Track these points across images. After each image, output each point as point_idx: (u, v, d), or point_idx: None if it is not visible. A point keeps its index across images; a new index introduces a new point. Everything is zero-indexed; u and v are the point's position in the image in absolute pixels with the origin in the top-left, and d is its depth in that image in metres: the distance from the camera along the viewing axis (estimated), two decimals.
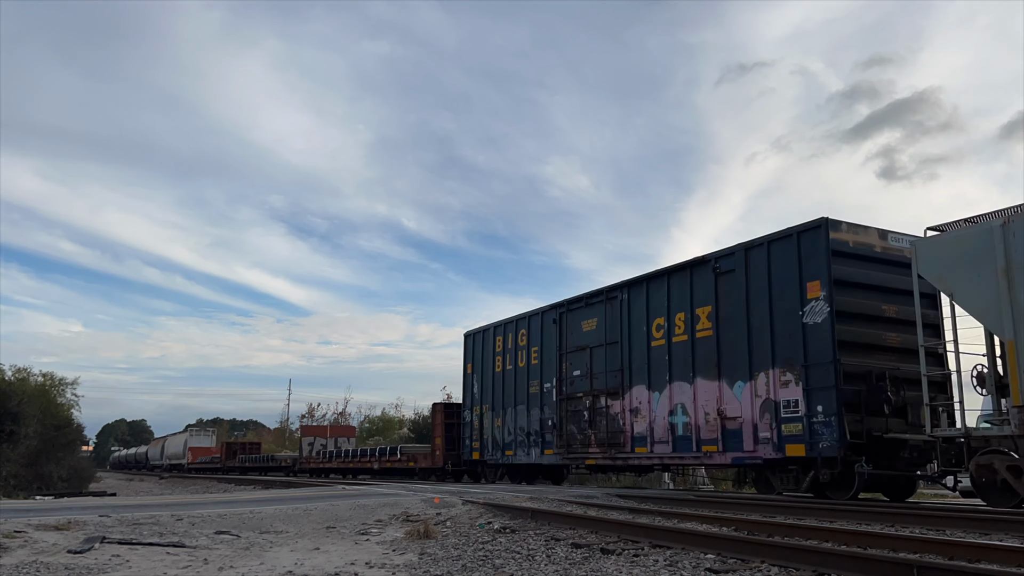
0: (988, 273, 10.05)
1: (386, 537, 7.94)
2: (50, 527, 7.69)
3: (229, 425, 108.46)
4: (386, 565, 6.23)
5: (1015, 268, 9.77)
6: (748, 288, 13.58)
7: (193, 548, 6.96)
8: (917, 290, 11.08)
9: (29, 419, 26.97)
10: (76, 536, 7.33)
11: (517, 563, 6.23)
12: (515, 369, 20.38)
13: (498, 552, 6.81)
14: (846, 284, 12.32)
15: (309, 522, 9.17)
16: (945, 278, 10.69)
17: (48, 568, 5.80)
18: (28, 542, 6.87)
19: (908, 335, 11.88)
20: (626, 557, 6.22)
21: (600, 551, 6.51)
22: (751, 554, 5.81)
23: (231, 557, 6.55)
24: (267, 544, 7.35)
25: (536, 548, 6.92)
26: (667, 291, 15.40)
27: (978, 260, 10.23)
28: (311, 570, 5.94)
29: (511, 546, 7.12)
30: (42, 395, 31.18)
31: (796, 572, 5.26)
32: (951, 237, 10.95)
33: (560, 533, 7.73)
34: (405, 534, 7.99)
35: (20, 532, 7.28)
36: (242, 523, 8.86)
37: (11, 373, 30.96)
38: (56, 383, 33.54)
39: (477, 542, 7.45)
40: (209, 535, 7.80)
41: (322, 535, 8.10)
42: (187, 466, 51.63)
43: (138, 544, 7.00)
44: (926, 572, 4.58)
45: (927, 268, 10.91)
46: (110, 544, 6.96)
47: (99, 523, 8.34)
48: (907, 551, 5.84)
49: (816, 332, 12.24)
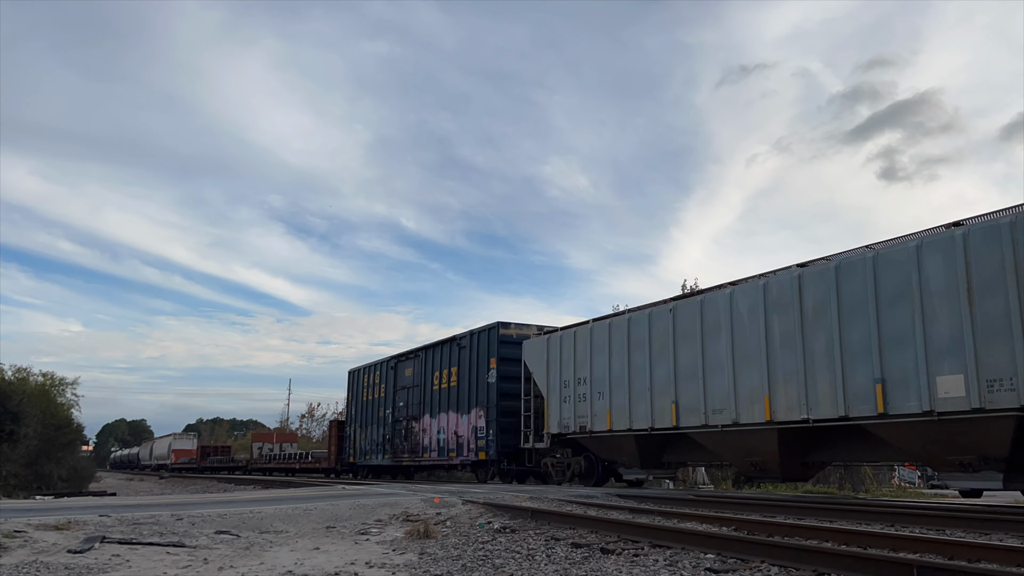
0: (543, 363, 18.41)
1: (386, 537, 7.94)
2: (50, 527, 7.68)
3: (229, 425, 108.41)
4: (386, 565, 6.23)
5: (554, 363, 17.96)
6: (470, 359, 21.85)
7: (193, 548, 6.96)
8: (523, 367, 19.34)
9: (29, 419, 26.96)
10: (76, 536, 7.32)
11: (517, 563, 6.23)
12: (373, 399, 28.58)
13: (498, 552, 6.81)
14: (506, 359, 20.25)
15: (309, 522, 9.17)
16: (528, 363, 19.07)
17: (48, 568, 5.80)
18: (28, 542, 6.86)
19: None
20: (626, 557, 6.22)
21: (600, 551, 6.51)
22: (751, 554, 5.81)
23: (231, 557, 6.55)
24: (267, 544, 7.35)
25: (536, 548, 6.92)
26: (440, 356, 23.87)
27: (540, 356, 18.51)
28: (311, 570, 5.94)
29: (511, 546, 7.12)
30: (42, 395, 31.17)
31: (796, 572, 5.26)
32: (534, 341, 19.09)
33: (560, 533, 7.73)
34: (405, 534, 7.98)
35: (20, 532, 7.28)
36: (242, 523, 8.86)
37: (11, 373, 30.98)
38: (56, 383, 33.54)
39: (477, 542, 7.45)
40: (209, 535, 7.79)
41: (322, 535, 8.10)
42: (171, 465, 59.54)
43: (138, 544, 6.99)
44: (926, 572, 4.58)
45: (526, 356, 19.23)
46: (110, 544, 6.95)
47: (99, 523, 8.33)
48: (907, 551, 5.84)
49: (491, 388, 20.53)
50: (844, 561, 5.15)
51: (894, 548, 6.01)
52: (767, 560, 5.60)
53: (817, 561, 5.29)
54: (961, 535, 7.08)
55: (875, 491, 22.59)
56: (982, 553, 5.47)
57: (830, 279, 11.68)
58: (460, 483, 21.22)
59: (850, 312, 11.34)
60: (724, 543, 6.20)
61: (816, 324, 11.81)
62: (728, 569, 5.54)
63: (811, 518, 8.88)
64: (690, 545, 6.40)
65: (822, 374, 11.62)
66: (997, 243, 9.75)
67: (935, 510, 9.19)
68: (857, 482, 23.28)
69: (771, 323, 12.58)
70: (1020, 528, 7.17)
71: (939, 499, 15.84)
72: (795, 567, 5.34)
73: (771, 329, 12.56)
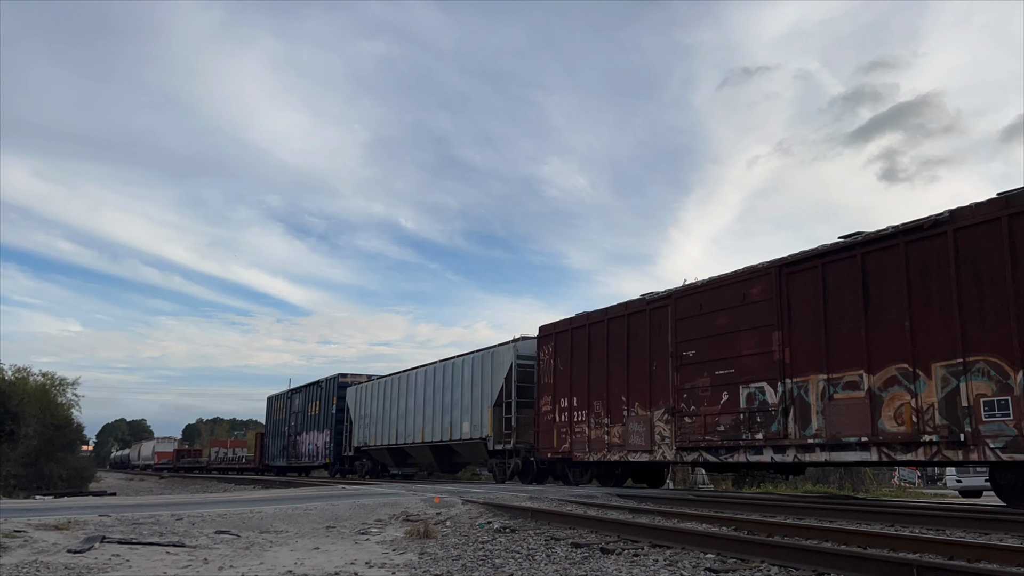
0: (355, 402, 29.90)
1: (386, 537, 7.94)
2: (50, 527, 7.68)
3: (229, 424, 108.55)
4: (386, 565, 6.23)
5: (359, 403, 29.59)
6: (324, 396, 32.28)
7: (193, 548, 6.96)
8: (347, 404, 30.87)
9: (29, 419, 26.96)
10: (76, 536, 7.32)
11: (517, 563, 6.23)
12: (279, 419, 38.65)
13: (498, 552, 6.81)
14: (342, 398, 30.89)
15: (309, 522, 9.17)
16: (348, 401, 30.42)
17: (48, 568, 5.80)
18: (28, 542, 6.86)
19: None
20: (626, 557, 6.22)
21: (600, 551, 6.51)
22: (751, 554, 5.81)
23: (231, 557, 6.55)
24: (267, 544, 7.35)
25: (536, 548, 6.92)
26: (310, 392, 33.90)
27: (354, 397, 30.08)
28: (311, 570, 5.94)
29: (511, 546, 7.12)
30: (42, 395, 31.19)
31: (796, 572, 5.26)
32: (353, 388, 30.38)
33: (560, 533, 7.73)
34: (405, 534, 7.98)
35: (20, 532, 7.28)
36: (242, 523, 8.86)
37: (11, 373, 30.98)
38: (56, 383, 33.56)
39: (477, 542, 7.45)
40: (209, 535, 7.79)
41: (322, 535, 8.10)
42: (154, 466, 69.48)
43: (138, 543, 6.99)
44: (926, 572, 4.58)
45: (348, 397, 30.57)
46: (110, 544, 6.95)
47: (99, 523, 8.33)
48: (907, 551, 5.84)
49: (332, 417, 31.06)
50: (844, 561, 5.15)
51: (894, 548, 6.01)
52: (767, 560, 5.60)
53: (817, 561, 5.29)
54: (961, 535, 7.08)
55: (875, 491, 22.60)
56: (982, 553, 5.46)
57: (442, 371, 23.55)
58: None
59: (443, 389, 23.34)
60: (724, 543, 6.20)
61: (434, 392, 23.98)
62: (728, 569, 5.54)
63: (811, 518, 8.87)
64: (690, 545, 6.40)
65: (438, 418, 23.54)
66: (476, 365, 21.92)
67: (935, 510, 9.19)
68: (857, 482, 23.30)
69: (427, 390, 24.35)
70: (1020, 528, 7.17)
71: (939, 499, 15.83)
72: (795, 567, 5.34)
73: (427, 393, 24.30)
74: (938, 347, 10.31)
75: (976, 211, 10.16)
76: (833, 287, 11.91)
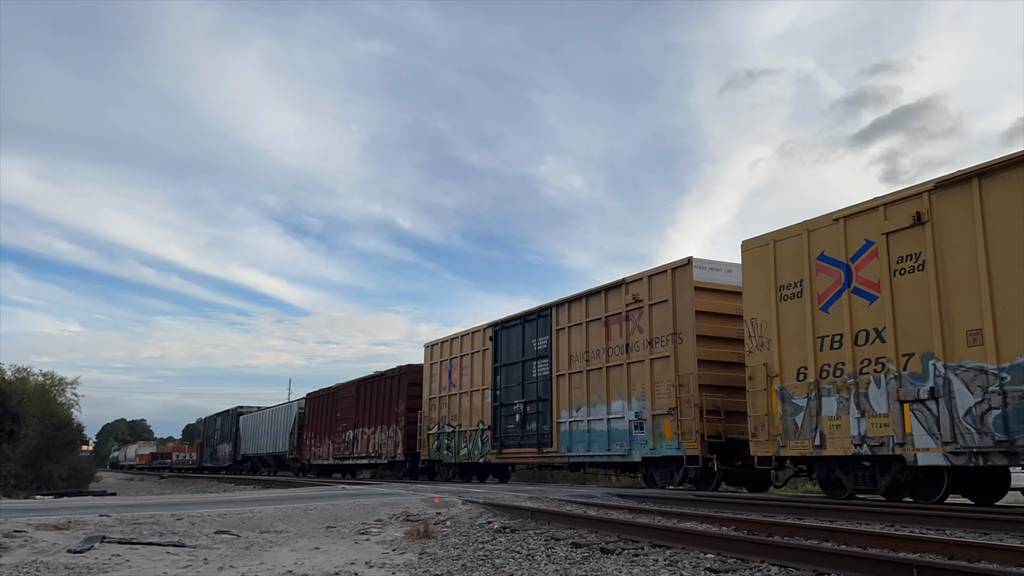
0: (250, 427, 45.85)
1: (386, 537, 7.94)
2: (50, 527, 7.68)
3: None
4: (386, 565, 6.23)
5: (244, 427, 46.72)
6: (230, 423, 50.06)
7: (193, 547, 6.96)
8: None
9: (29, 419, 26.97)
10: (76, 536, 7.32)
11: (517, 563, 6.23)
12: (210, 432, 52.35)
13: (498, 552, 6.81)
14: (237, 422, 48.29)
15: (309, 522, 9.17)
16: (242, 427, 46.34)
17: (48, 568, 5.80)
18: (28, 541, 6.86)
19: None
20: (626, 557, 6.22)
21: (600, 551, 6.51)
22: (751, 554, 5.81)
23: (231, 557, 6.55)
24: (267, 544, 7.35)
25: (536, 548, 6.92)
26: (225, 419, 51.43)
27: (249, 423, 45.56)
28: (311, 570, 5.94)
29: (511, 546, 7.12)
30: (42, 395, 31.21)
31: (796, 572, 5.26)
32: (246, 416, 46.07)
33: (560, 533, 7.73)
34: (405, 534, 7.98)
35: (20, 531, 7.28)
36: (242, 523, 8.86)
37: (11, 373, 30.99)
38: (56, 383, 33.60)
39: (477, 542, 7.45)
40: (209, 535, 7.80)
41: (322, 535, 8.10)
42: (136, 465, 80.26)
43: (138, 543, 6.99)
44: (926, 572, 4.58)
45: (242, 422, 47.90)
46: (110, 544, 6.95)
47: (99, 523, 8.33)
48: (907, 551, 5.84)
49: (233, 434, 48.93)
50: (844, 561, 5.15)
51: (894, 548, 6.01)
52: (767, 560, 5.60)
53: (817, 561, 5.29)
54: (961, 535, 7.08)
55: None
56: (982, 553, 5.47)
57: (272, 413, 41.30)
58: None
59: (273, 422, 40.67)
60: (724, 543, 6.20)
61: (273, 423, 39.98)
62: (728, 569, 5.54)
63: (811, 518, 8.88)
64: (690, 545, 6.40)
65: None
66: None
67: (935, 510, 9.18)
68: None
69: (271, 422, 40.83)
70: (1020, 528, 7.16)
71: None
72: (795, 567, 5.34)
73: (271, 422, 40.96)
74: None
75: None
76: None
